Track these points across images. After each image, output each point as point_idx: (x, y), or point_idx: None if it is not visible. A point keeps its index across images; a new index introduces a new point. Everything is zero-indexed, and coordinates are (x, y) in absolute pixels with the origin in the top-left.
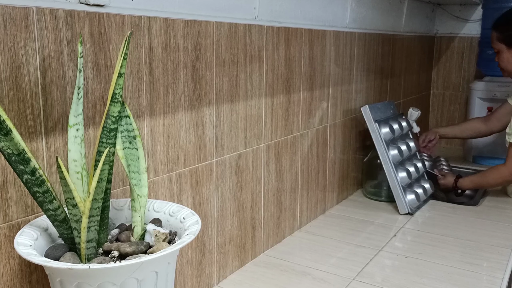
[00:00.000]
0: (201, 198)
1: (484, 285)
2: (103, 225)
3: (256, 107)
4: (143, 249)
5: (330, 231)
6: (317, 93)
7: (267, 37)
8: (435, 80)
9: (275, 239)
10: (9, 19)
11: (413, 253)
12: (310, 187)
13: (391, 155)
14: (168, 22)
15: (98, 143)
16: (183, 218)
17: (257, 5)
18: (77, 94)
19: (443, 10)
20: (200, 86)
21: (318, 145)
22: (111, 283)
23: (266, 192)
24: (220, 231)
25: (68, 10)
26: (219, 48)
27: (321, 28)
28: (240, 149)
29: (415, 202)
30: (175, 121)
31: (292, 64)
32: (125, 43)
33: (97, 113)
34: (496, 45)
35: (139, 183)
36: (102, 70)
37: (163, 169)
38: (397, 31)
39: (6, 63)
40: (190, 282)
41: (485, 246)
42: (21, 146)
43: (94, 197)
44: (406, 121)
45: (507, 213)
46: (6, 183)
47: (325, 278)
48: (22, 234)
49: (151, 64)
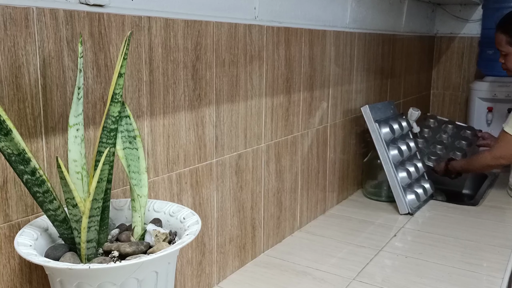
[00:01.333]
0: (201, 198)
1: (484, 285)
2: (103, 225)
3: (256, 107)
4: (143, 249)
5: (330, 231)
6: (317, 93)
7: (267, 37)
8: (435, 80)
9: (275, 239)
10: (9, 19)
11: (413, 253)
12: (310, 187)
13: (391, 155)
14: (168, 22)
15: (98, 143)
16: (183, 218)
17: (257, 5)
18: (77, 94)
19: (443, 10)
20: (200, 86)
21: (318, 145)
22: (111, 283)
23: (266, 192)
24: (220, 231)
25: (68, 10)
26: (219, 48)
27: (321, 28)
28: (240, 149)
29: (415, 202)
30: (175, 121)
31: (292, 64)
32: (125, 43)
33: (97, 113)
34: (504, 47)
35: (139, 183)
36: (102, 70)
37: (163, 169)
38: (397, 31)
39: (6, 63)
40: (190, 282)
41: (485, 246)
42: (21, 146)
43: (94, 197)
44: (406, 121)
45: (507, 213)
46: (6, 183)
47: (325, 278)
48: (22, 234)
49: (151, 64)
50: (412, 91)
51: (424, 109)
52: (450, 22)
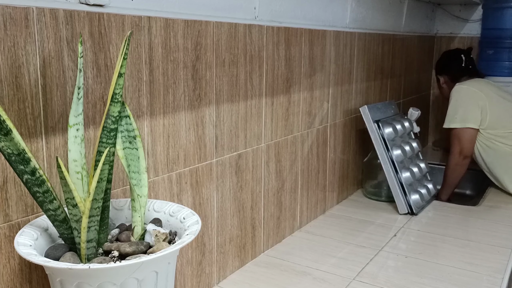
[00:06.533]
0: (201, 198)
1: (484, 285)
2: (103, 225)
3: (256, 107)
4: (143, 249)
5: (330, 231)
6: (317, 93)
7: (267, 37)
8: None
9: (275, 239)
10: (9, 19)
11: (413, 253)
12: (310, 187)
13: (394, 155)
14: (168, 22)
15: (98, 143)
16: (183, 218)
17: (257, 5)
18: (77, 94)
19: (443, 10)
20: (200, 86)
21: (318, 145)
22: (111, 283)
23: (266, 192)
24: (220, 231)
25: (68, 10)
26: (219, 48)
27: (321, 28)
28: (240, 149)
29: (419, 202)
30: (175, 121)
31: (292, 64)
32: (125, 43)
33: (97, 113)
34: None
35: (139, 183)
36: (102, 70)
37: (163, 169)
38: (397, 31)
39: (6, 63)
40: (190, 282)
41: (485, 246)
42: (21, 146)
43: (94, 197)
44: (408, 121)
45: (507, 213)
46: (6, 183)
47: (325, 278)
48: (22, 234)
49: (151, 64)
50: (412, 91)
51: (424, 109)
52: (450, 22)
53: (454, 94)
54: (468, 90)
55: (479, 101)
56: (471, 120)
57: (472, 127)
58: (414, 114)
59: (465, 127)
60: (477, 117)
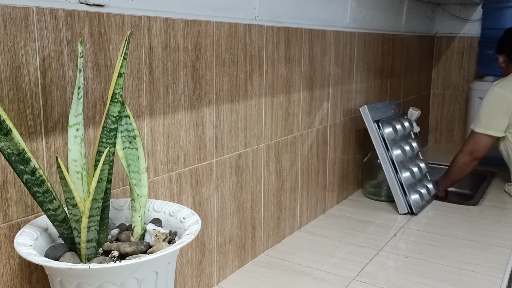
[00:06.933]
0: (201, 198)
1: (484, 285)
2: (103, 225)
3: (256, 107)
4: (143, 249)
5: (330, 231)
6: (317, 93)
7: (267, 37)
8: (435, 80)
9: (275, 239)
10: (9, 19)
11: (413, 253)
12: (310, 187)
13: (394, 155)
14: (168, 22)
15: (98, 143)
16: (183, 218)
17: (257, 5)
18: (77, 94)
19: (443, 10)
20: (200, 86)
21: (318, 145)
22: (111, 283)
23: (266, 192)
24: (220, 231)
25: (68, 10)
26: (219, 48)
27: (321, 28)
28: (240, 149)
29: (419, 202)
30: (175, 121)
31: (292, 64)
32: (125, 43)
33: (97, 113)
34: None
35: (139, 183)
36: (102, 70)
37: (163, 169)
38: (397, 31)
39: (6, 63)
40: (190, 282)
41: (485, 246)
42: (21, 146)
43: (94, 197)
44: (408, 121)
45: (507, 213)
46: (6, 183)
47: (325, 278)
48: (22, 234)
49: (151, 64)
50: (412, 91)
51: (424, 109)
52: (450, 22)
53: (485, 97)
54: (498, 95)
55: (508, 108)
56: (494, 128)
57: (493, 135)
58: (414, 114)
59: (486, 134)
60: (501, 125)
